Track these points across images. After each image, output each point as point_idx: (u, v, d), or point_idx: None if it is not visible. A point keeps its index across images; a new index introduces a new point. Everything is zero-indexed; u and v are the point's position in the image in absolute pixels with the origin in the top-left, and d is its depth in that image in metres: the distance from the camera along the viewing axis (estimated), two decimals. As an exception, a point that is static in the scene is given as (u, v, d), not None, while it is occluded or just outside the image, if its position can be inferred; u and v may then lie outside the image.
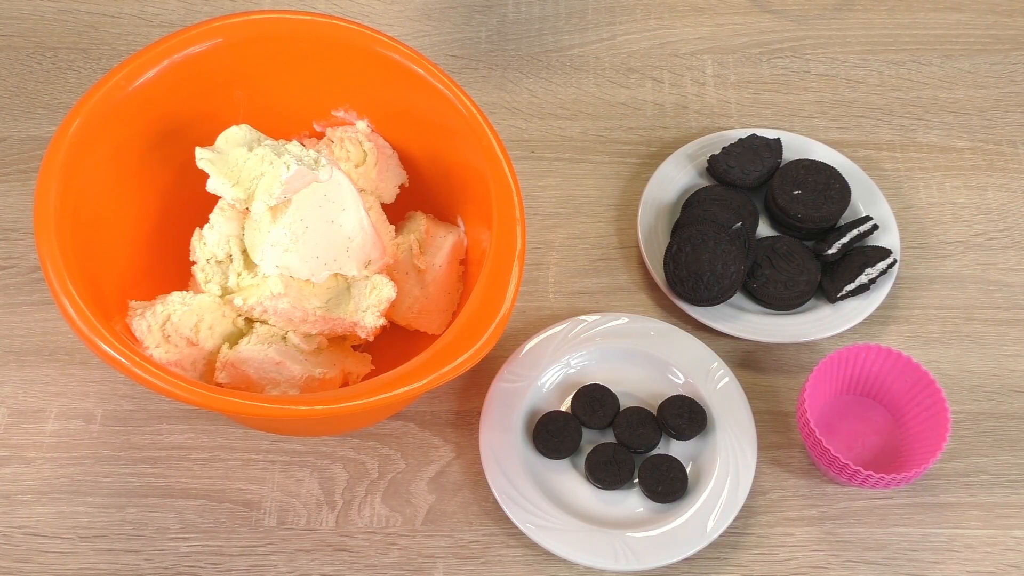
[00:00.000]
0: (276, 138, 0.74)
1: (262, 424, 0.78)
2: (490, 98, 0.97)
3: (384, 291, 0.76)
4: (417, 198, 0.84)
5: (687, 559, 0.75)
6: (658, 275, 0.86)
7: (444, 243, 0.81)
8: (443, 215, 0.84)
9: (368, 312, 0.76)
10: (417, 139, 0.82)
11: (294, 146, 0.73)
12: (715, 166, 0.90)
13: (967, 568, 0.77)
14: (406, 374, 0.66)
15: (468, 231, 0.82)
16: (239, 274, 0.75)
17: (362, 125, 0.82)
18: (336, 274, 0.76)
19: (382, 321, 0.77)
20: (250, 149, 0.71)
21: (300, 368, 0.75)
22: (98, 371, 0.83)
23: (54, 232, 0.66)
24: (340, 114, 0.82)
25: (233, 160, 0.71)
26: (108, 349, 0.64)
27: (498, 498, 0.76)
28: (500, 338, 0.68)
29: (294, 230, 0.72)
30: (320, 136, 0.83)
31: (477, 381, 0.81)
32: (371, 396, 0.65)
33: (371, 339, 0.78)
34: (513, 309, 0.69)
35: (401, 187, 0.84)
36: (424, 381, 0.66)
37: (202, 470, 0.79)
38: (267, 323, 0.76)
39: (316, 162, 0.72)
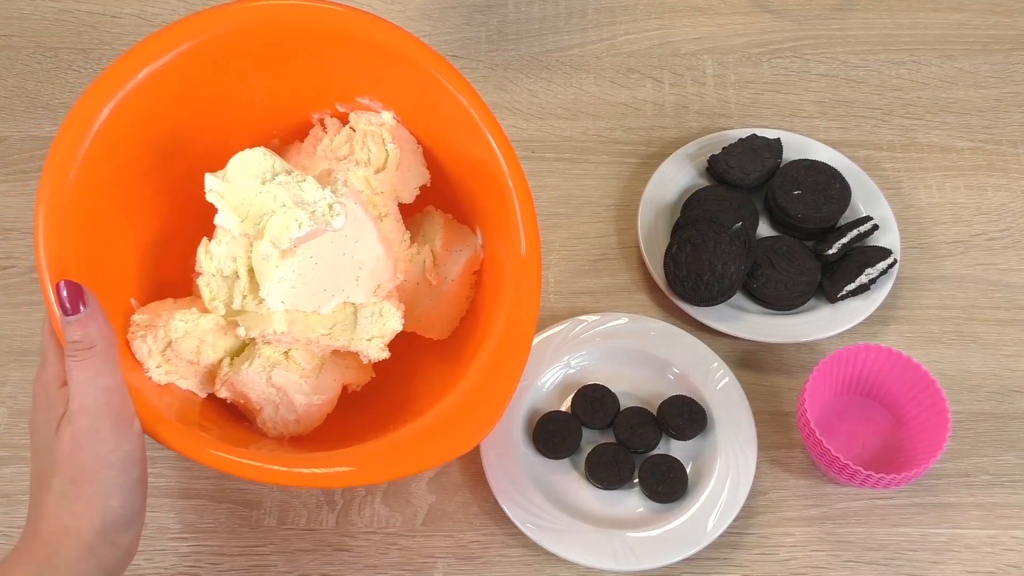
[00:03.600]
0: (296, 117, 0.70)
1: None
2: (490, 98, 0.97)
3: (390, 323, 0.73)
4: (438, 197, 0.80)
5: (687, 559, 0.75)
6: (658, 275, 0.86)
7: (460, 257, 0.78)
8: (462, 217, 0.80)
9: (372, 343, 0.73)
10: (439, 136, 0.78)
11: (310, 186, 0.69)
12: (715, 166, 0.90)
13: (967, 568, 0.77)
14: (392, 449, 0.66)
15: (485, 241, 0.78)
16: (244, 296, 0.71)
17: (387, 117, 0.77)
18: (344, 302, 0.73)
19: (386, 354, 0.73)
20: (263, 182, 0.68)
21: (301, 398, 0.73)
22: (98, 371, 0.83)
23: (57, 240, 0.65)
24: (365, 101, 0.78)
25: (244, 192, 0.68)
26: None
27: (498, 498, 0.76)
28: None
29: (303, 267, 0.69)
30: (343, 117, 0.79)
31: (477, 381, 0.81)
32: (352, 477, 0.66)
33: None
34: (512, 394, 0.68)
35: (422, 187, 0.80)
36: (407, 468, 0.66)
37: (202, 470, 0.79)
38: (270, 344, 0.74)
39: (331, 209, 0.68)
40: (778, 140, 0.92)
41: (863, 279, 0.85)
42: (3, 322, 0.85)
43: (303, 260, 0.70)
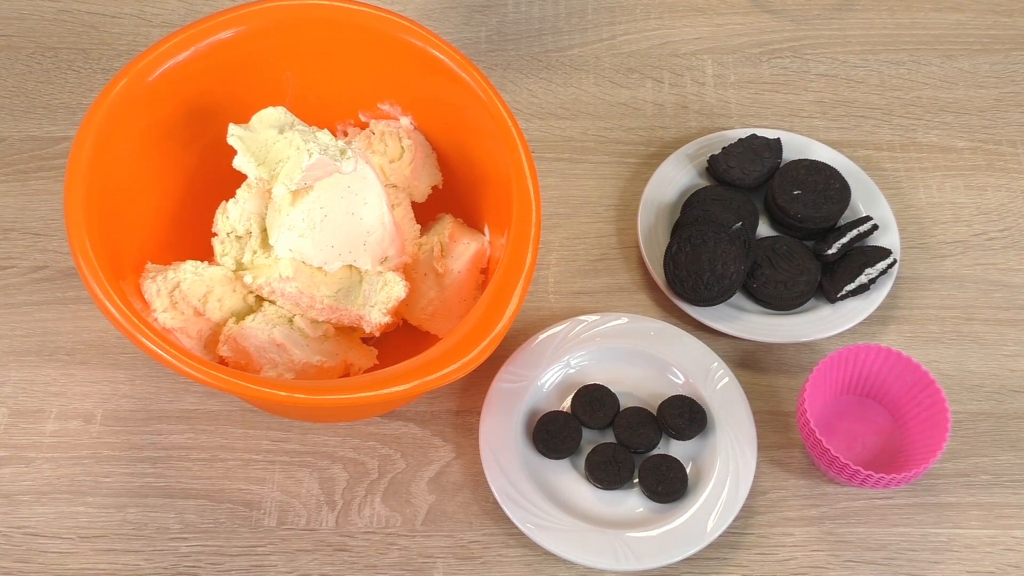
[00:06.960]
0: (320, 125, 0.75)
1: (259, 404, 0.78)
2: (490, 98, 0.97)
3: (395, 290, 0.76)
4: (450, 201, 0.84)
5: (687, 559, 0.75)
6: (658, 275, 0.86)
7: (467, 249, 0.81)
8: (472, 222, 0.83)
9: (375, 308, 0.76)
10: (455, 142, 0.81)
11: (324, 135, 0.73)
12: (715, 166, 0.90)
13: (967, 568, 0.77)
14: (390, 377, 0.66)
15: (493, 241, 0.81)
16: (254, 251, 0.75)
17: (405, 121, 0.82)
18: (350, 266, 0.76)
19: (387, 319, 0.76)
20: (281, 132, 0.72)
21: (300, 353, 0.75)
22: (98, 371, 0.83)
23: (81, 195, 0.67)
24: (386, 107, 0.82)
25: (262, 140, 0.72)
26: (106, 302, 0.65)
27: (498, 498, 0.76)
28: (492, 353, 0.68)
29: (311, 216, 0.73)
30: (364, 127, 0.83)
31: (477, 381, 0.81)
32: (346, 393, 0.65)
33: (377, 334, 0.78)
34: (509, 327, 0.69)
35: (434, 188, 0.84)
36: (405, 387, 0.66)
37: (202, 470, 0.79)
38: (275, 303, 0.76)
39: (341, 153, 0.72)
40: (778, 140, 0.92)
41: (863, 279, 0.85)
42: (3, 322, 0.85)
43: (312, 209, 0.73)
